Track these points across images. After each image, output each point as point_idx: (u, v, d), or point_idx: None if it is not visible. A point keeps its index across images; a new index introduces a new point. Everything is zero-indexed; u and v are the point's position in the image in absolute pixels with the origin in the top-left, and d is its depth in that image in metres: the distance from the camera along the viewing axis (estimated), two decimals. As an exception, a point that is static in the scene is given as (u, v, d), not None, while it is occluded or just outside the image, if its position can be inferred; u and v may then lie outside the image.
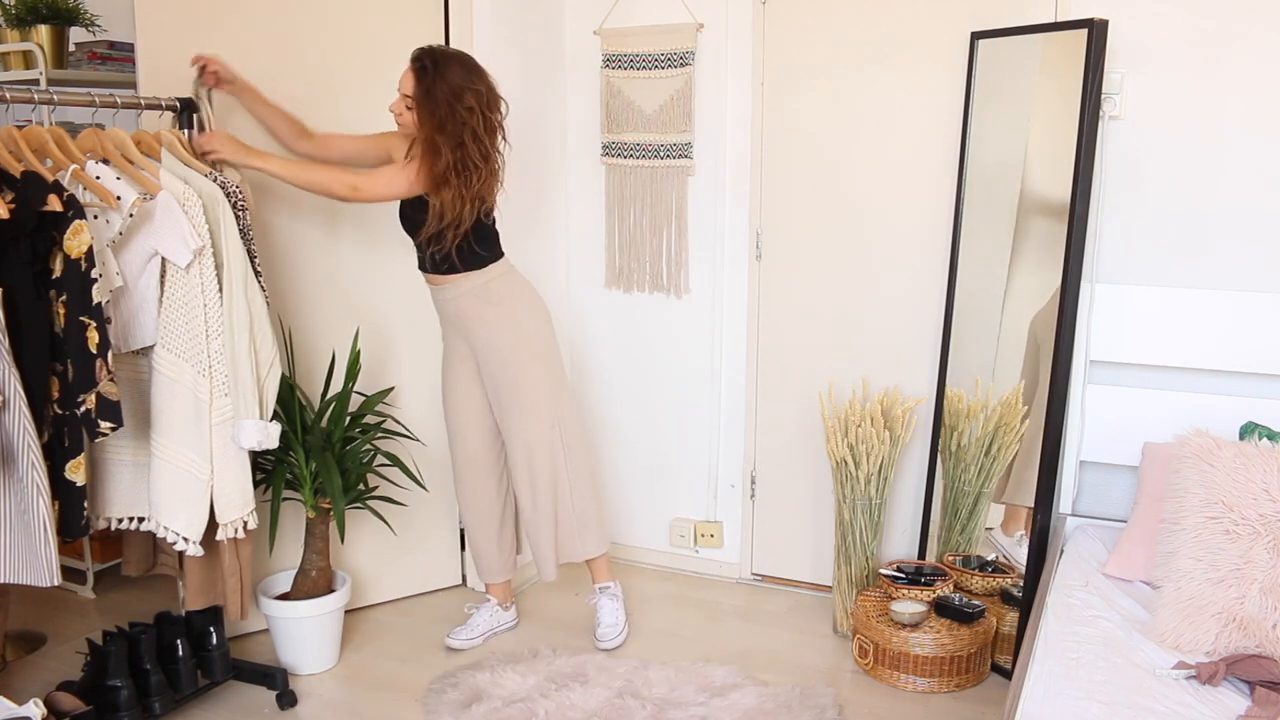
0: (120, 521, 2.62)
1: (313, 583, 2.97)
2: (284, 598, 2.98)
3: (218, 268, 2.52)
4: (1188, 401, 2.79)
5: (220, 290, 2.52)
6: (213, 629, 2.77)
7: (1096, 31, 2.70)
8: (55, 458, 2.31)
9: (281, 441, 2.78)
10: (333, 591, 3.00)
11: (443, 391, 3.13)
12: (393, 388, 3.24)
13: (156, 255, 2.46)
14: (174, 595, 3.17)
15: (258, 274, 2.60)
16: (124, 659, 2.55)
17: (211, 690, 2.81)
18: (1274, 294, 2.71)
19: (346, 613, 3.14)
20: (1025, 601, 2.86)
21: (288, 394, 2.86)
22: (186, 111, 2.68)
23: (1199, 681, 2.06)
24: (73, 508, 2.33)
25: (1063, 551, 2.72)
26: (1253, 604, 2.19)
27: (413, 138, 2.86)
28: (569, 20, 3.62)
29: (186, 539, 2.54)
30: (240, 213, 2.56)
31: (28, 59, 3.48)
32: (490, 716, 2.68)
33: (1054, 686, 2.01)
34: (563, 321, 3.78)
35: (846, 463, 3.08)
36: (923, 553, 3.25)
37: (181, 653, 2.69)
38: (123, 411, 2.34)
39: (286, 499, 2.94)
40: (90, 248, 2.25)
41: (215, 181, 2.54)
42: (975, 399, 3.07)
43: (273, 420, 2.60)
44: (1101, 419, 2.90)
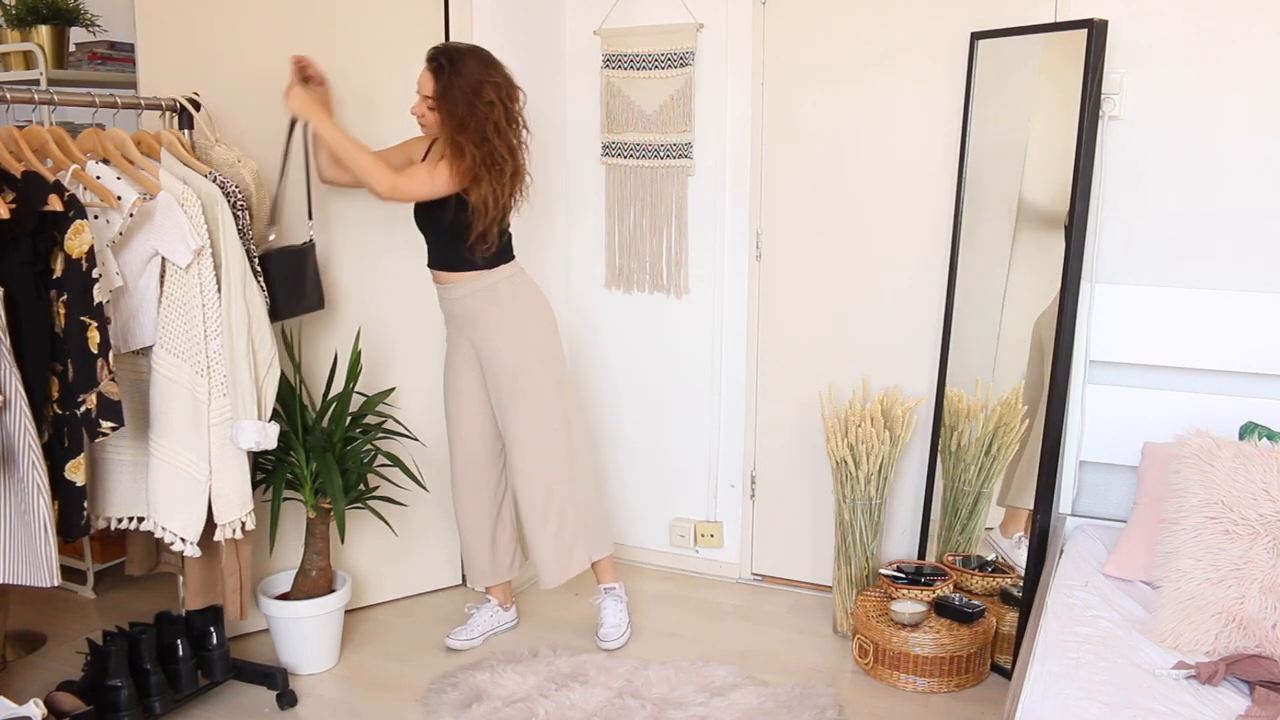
0: (120, 521, 2.62)
1: (313, 583, 2.97)
2: (284, 598, 2.98)
3: (216, 268, 2.52)
4: (1187, 401, 2.79)
5: (219, 290, 2.52)
6: (213, 629, 2.77)
7: (1096, 31, 2.70)
8: (55, 458, 2.31)
9: (282, 441, 2.79)
10: (333, 591, 3.00)
11: (445, 391, 3.13)
12: (393, 388, 3.25)
13: (156, 255, 2.46)
14: (174, 595, 3.17)
15: (257, 274, 2.60)
16: (124, 659, 2.56)
17: (211, 690, 2.81)
18: (1274, 294, 2.71)
19: (346, 613, 3.14)
20: (1025, 601, 2.86)
21: (289, 394, 2.86)
22: (185, 112, 2.69)
23: (1199, 681, 2.06)
24: (73, 507, 2.34)
25: (1062, 551, 2.72)
26: (1252, 604, 2.19)
27: (434, 138, 2.86)
28: (569, 20, 3.62)
29: (184, 539, 2.54)
30: (239, 213, 2.57)
31: (28, 59, 3.49)
32: (490, 716, 2.68)
33: (1054, 686, 2.01)
34: (563, 321, 3.77)
35: (846, 463, 3.08)
36: (923, 553, 3.25)
37: (181, 653, 2.69)
38: (123, 411, 2.34)
39: (287, 499, 2.94)
40: (91, 247, 2.25)
41: (215, 181, 2.54)
42: (975, 399, 3.07)
43: (271, 421, 2.60)
44: (1101, 419, 2.90)
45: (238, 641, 3.10)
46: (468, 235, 2.82)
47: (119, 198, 2.39)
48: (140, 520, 2.62)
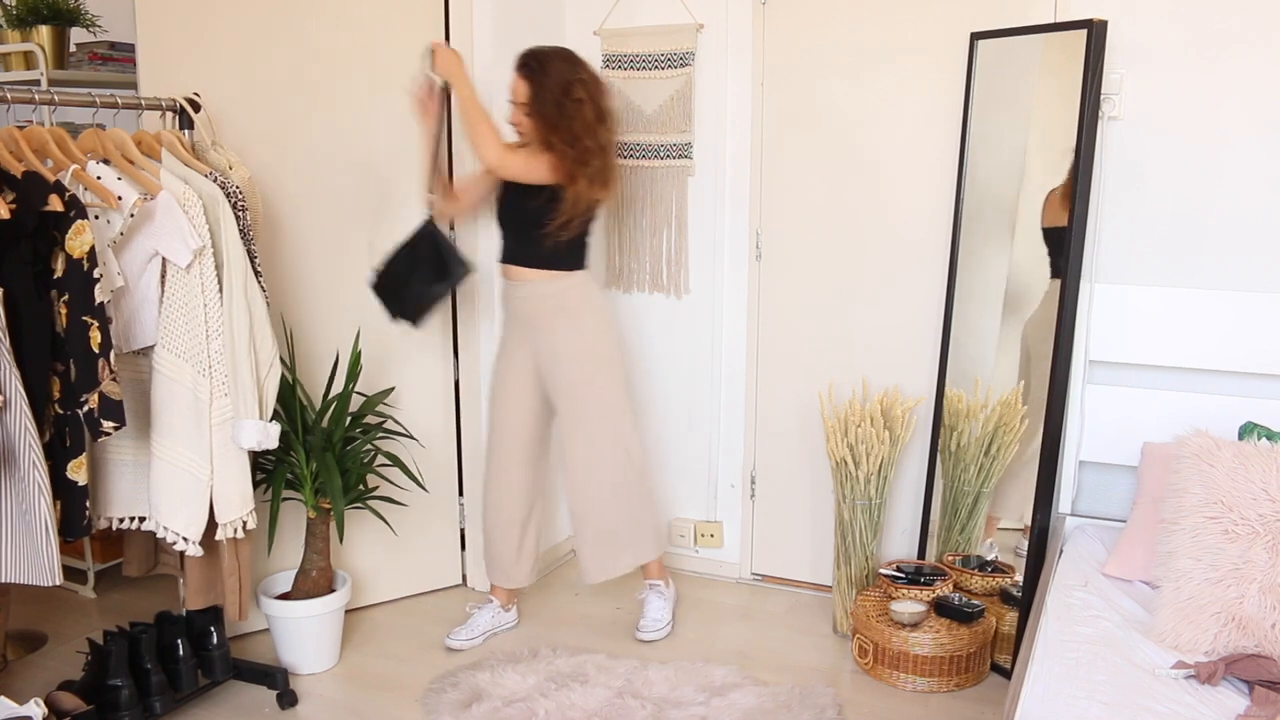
0: (121, 521, 2.63)
1: (313, 582, 2.97)
2: (284, 597, 2.98)
3: (218, 268, 2.52)
4: (1187, 402, 2.79)
5: (220, 290, 2.52)
6: (213, 629, 2.77)
7: (1096, 32, 2.70)
8: (57, 457, 2.32)
9: (282, 441, 2.79)
10: (333, 591, 3.01)
11: (492, 387, 3.14)
12: (393, 388, 3.25)
13: (157, 255, 2.46)
14: (174, 595, 3.17)
15: (258, 274, 2.60)
16: (124, 659, 2.56)
17: (212, 690, 2.81)
18: (1274, 294, 2.71)
19: (346, 613, 3.14)
20: (1025, 601, 2.86)
21: (289, 394, 2.86)
22: (185, 113, 2.69)
23: (1198, 681, 2.07)
24: (74, 507, 2.34)
25: (1062, 551, 2.73)
26: (1252, 604, 2.19)
27: (528, 140, 2.90)
28: (569, 20, 3.62)
29: (186, 539, 2.54)
30: (240, 213, 2.57)
31: (28, 59, 3.49)
32: (490, 716, 2.69)
33: (1053, 686, 2.01)
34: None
35: (846, 463, 3.08)
36: (922, 553, 3.25)
37: (182, 652, 2.69)
38: (125, 411, 2.34)
39: (287, 499, 2.95)
40: (92, 247, 2.25)
41: (215, 181, 2.54)
42: (975, 399, 3.07)
43: (272, 420, 2.60)
44: (1101, 419, 2.90)
45: (238, 641, 3.11)
46: (548, 224, 2.87)
47: (119, 198, 2.39)
48: (141, 520, 2.62)
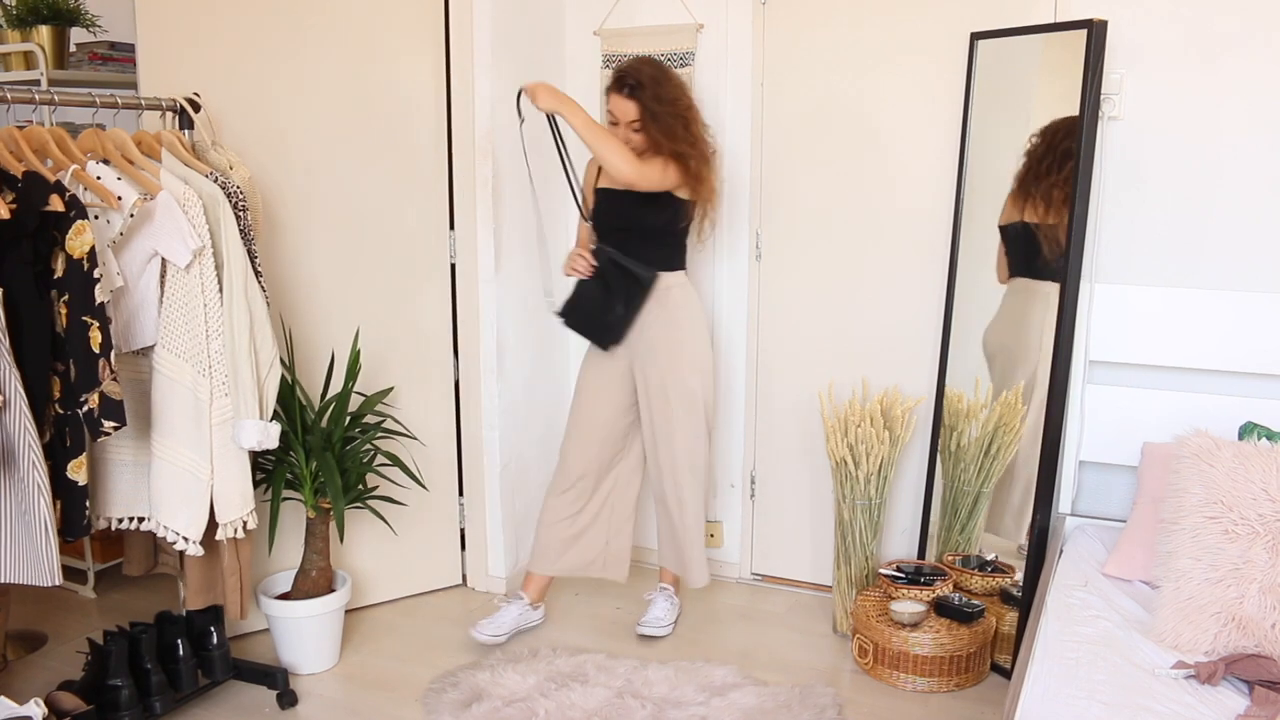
0: (121, 521, 2.63)
1: (313, 582, 2.98)
2: (284, 597, 2.98)
3: (218, 268, 2.52)
4: (1187, 401, 2.79)
5: (220, 290, 2.52)
6: (213, 629, 2.77)
7: (1096, 32, 2.70)
8: (57, 457, 2.32)
9: (282, 441, 2.79)
10: (333, 591, 3.01)
11: (579, 386, 3.16)
12: (392, 387, 3.25)
13: (157, 255, 2.46)
14: (174, 595, 3.17)
15: (258, 274, 2.60)
16: (124, 658, 2.56)
17: (212, 690, 2.81)
18: (1274, 294, 2.71)
19: (346, 613, 3.14)
20: (1025, 601, 2.86)
21: (288, 394, 2.86)
22: (185, 113, 2.69)
23: (1198, 681, 2.07)
24: (74, 507, 2.34)
25: (1062, 551, 2.73)
26: (1252, 604, 2.19)
27: (644, 154, 2.97)
28: (569, 20, 3.62)
29: (187, 539, 2.54)
30: (240, 213, 2.57)
31: (28, 59, 3.49)
32: (490, 716, 2.69)
33: (1053, 686, 2.01)
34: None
35: (846, 463, 3.08)
36: (922, 553, 3.25)
37: (182, 652, 2.69)
38: (125, 411, 2.34)
39: (286, 499, 2.95)
40: (93, 247, 2.25)
41: (215, 181, 2.54)
42: (975, 399, 3.07)
43: (272, 420, 2.60)
44: (1101, 419, 2.90)
45: (238, 641, 3.11)
46: (675, 226, 3.00)
47: (119, 198, 2.39)
48: (141, 520, 2.62)
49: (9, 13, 3.47)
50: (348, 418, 2.98)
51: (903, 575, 3.04)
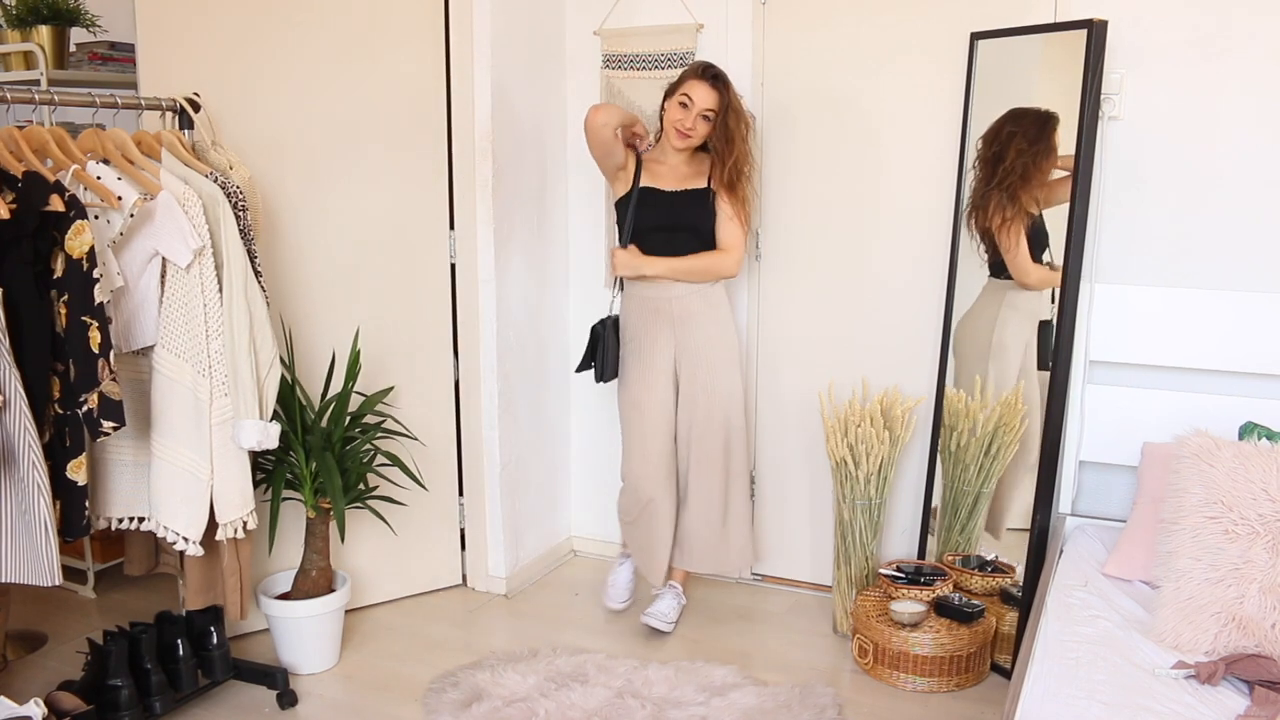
0: (121, 522, 2.63)
1: (313, 582, 2.97)
2: (284, 597, 2.98)
3: (218, 268, 2.52)
4: (1187, 401, 2.79)
5: (220, 290, 2.52)
6: (213, 629, 2.77)
7: (1096, 32, 2.70)
8: (56, 457, 2.32)
9: (281, 441, 2.79)
10: (333, 591, 3.01)
11: (633, 395, 3.15)
12: (392, 387, 3.25)
13: (157, 255, 2.46)
14: (174, 595, 3.17)
15: (258, 274, 2.60)
16: (124, 658, 2.56)
17: (212, 690, 2.81)
18: (1274, 294, 2.71)
19: (346, 613, 3.14)
20: (1025, 601, 2.86)
21: (288, 394, 2.86)
22: (185, 113, 2.69)
23: (1198, 681, 2.07)
24: (74, 507, 2.34)
25: (1062, 551, 2.73)
26: (1252, 604, 2.19)
27: (698, 164, 3.09)
28: (569, 20, 3.62)
29: (186, 539, 2.54)
30: (240, 213, 2.57)
31: (28, 59, 3.49)
32: (490, 716, 2.68)
33: (1053, 686, 2.01)
34: (563, 321, 3.78)
35: (846, 463, 3.08)
36: (922, 553, 3.25)
37: (182, 652, 2.69)
38: (124, 411, 2.34)
39: (286, 499, 2.95)
40: (92, 248, 2.25)
41: (215, 181, 2.54)
42: (975, 399, 3.07)
43: (272, 420, 2.60)
44: (1101, 419, 2.90)
45: (238, 641, 3.11)
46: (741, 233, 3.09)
47: (119, 198, 2.39)
48: (141, 520, 2.62)
49: (9, 13, 3.47)
50: (348, 418, 2.98)
51: (903, 575, 3.04)
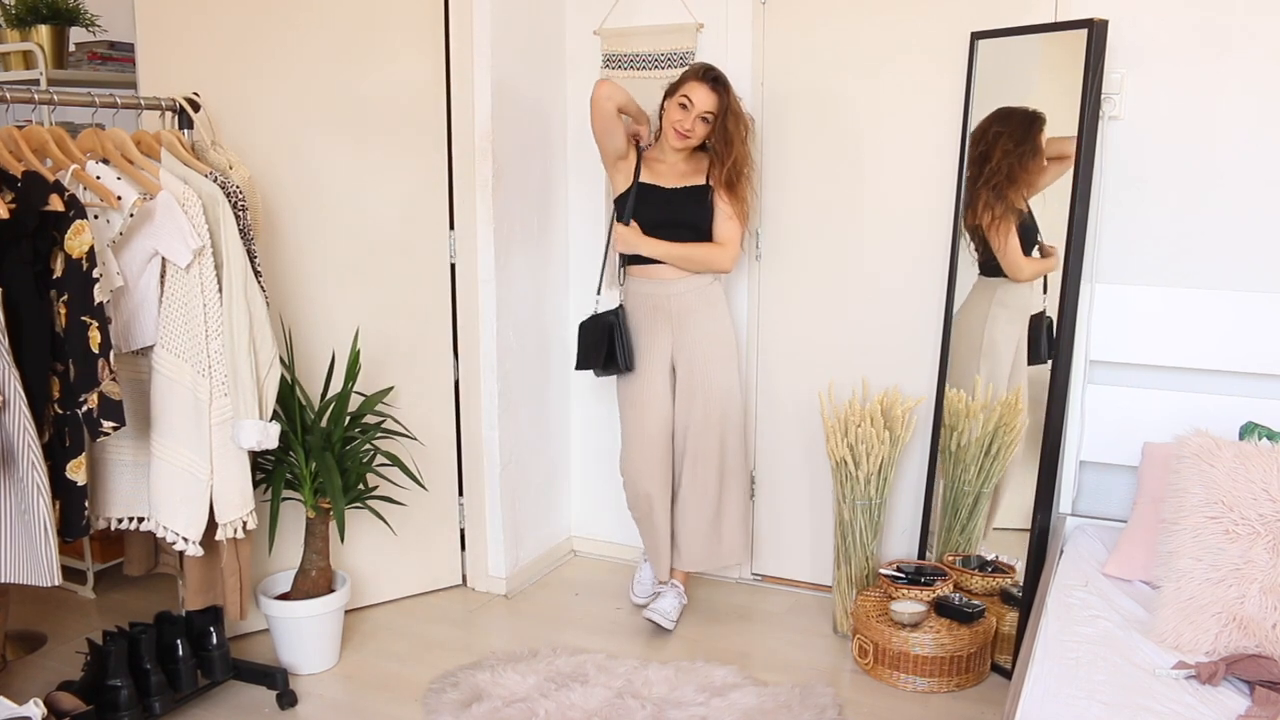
0: (120, 522, 2.62)
1: (313, 582, 2.97)
2: (284, 598, 2.98)
3: (218, 268, 2.52)
4: (1187, 401, 2.79)
5: (220, 290, 2.52)
6: (213, 629, 2.77)
7: (1096, 32, 2.70)
8: (56, 457, 2.32)
9: (281, 441, 2.79)
10: (333, 591, 3.00)
11: (632, 391, 3.19)
12: (392, 387, 3.25)
13: (157, 255, 2.46)
14: (174, 595, 3.17)
15: (258, 274, 2.60)
16: (124, 659, 2.56)
17: (211, 690, 2.81)
18: (1274, 294, 2.71)
19: (346, 613, 3.14)
20: (1025, 601, 2.86)
21: (288, 394, 2.86)
22: (185, 113, 2.69)
23: (1199, 681, 2.07)
24: (74, 507, 2.34)
25: (1062, 551, 2.73)
26: (1252, 604, 2.19)
27: (697, 162, 3.13)
28: (569, 20, 3.62)
29: (186, 539, 2.54)
30: (240, 213, 2.57)
31: (28, 59, 3.49)
32: (490, 716, 2.68)
33: (1054, 686, 2.01)
34: (562, 321, 3.78)
35: (846, 463, 3.08)
36: (923, 553, 3.25)
37: (181, 652, 2.69)
38: (124, 411, 2.34)
39: (286, 499, 2.94)
40: (91, 247, 2.25)
41: (215, 181, 2.54)
42: (975, 399, 3.07)
43: (272, 420, 2.60)
44: (1101, 419, 2.90)
45: (238, 641, 3.11)
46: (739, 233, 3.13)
47: (119, 197, 2.39)
48: (141, 520, 2.62)
49: (8, 12, 3.47)
50: (348, 418, 2.98)
51: (903, 575, 3.04)
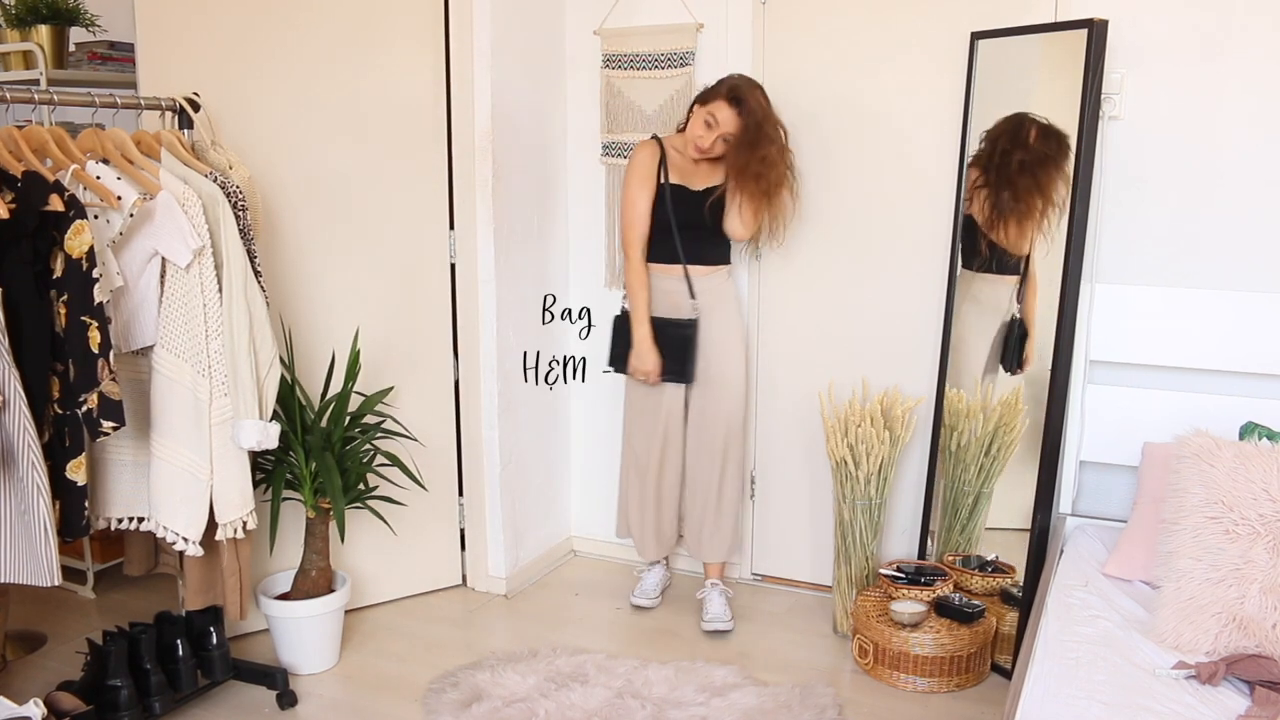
0: (120, 522, 2.62)
1: (313, 582, 2.97)
2: (284, 598, 2.98)
3: (217, 268, 2.52)
4: (1187, 401, 2.79)
5: (220, 290, 2.52)
6: (213, 629, 2.77)
7: (1096, 32, 2.70)
8: (56, 457, 2.32)
9: (281, 441, 2.79)
10: (333, 591, 3.00)
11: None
12: (392, 387, 3.24)
13: (157, 255, 2.46)
14: (174, 595, 3.17)
15: (258, 274, 2.60)
16: (124, 659, 2.56)
17: (211, 690, 2.81)
18: (1274, 294, 2.71)
19: (346, 613, 3.14)
20: (1025, 601, 2.86)
21: (288, 394, 2.86)
22: (185, 113, 2.69)
23: (1199, 681, 2.07)
24: (74, 507, 2.34)
25: (1062, 551, 2.73)
26: (1252, 604, 2.19)
27: (716, 172, 3.17)
28: (569, 20, 3.62)
29: (186, 539, 2.54)
30: (240, 213, 2.56)
31: (28, 59, 3.48)
32: (490, 716, 2.68)
33: (1054, 687, 2.01)
34: (562, 320, 3.78)
35: (846, 463, 3.08)
36: (923, 553, 3.25)
37: (181, 653, 2.69)
38: (124, 411, 2.34)
39: (286, 499, 2.94)
40: (91, 247, 2.25)
41: (215, 181, 2.54)
42: (975, 399, 3.07)
43: (272, 420, 2.60)
44: (1101, 419, 2.90)
45: (238, 641, 3.10)
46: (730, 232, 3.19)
47: (119, 197, 2.39)
48: (141, 521, 2.62)
49: (8, 12, 3.47)
50: (347, 418, 2.98)
51: (903, 575, 3.04)
